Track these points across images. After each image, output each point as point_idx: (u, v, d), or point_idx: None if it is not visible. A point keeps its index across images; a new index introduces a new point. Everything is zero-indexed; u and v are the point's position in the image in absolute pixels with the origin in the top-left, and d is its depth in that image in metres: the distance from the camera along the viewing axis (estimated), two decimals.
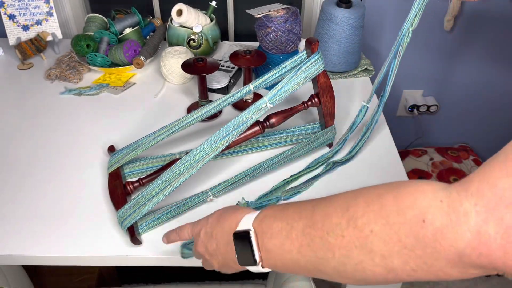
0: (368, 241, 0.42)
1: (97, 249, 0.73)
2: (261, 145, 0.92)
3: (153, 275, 1.58)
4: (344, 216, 0.44)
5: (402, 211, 0.40)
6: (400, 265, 0.41)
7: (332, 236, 0.44)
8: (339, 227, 0.44)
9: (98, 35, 1.20)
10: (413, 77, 1.63)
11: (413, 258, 0.40)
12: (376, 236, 0.41)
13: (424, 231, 0.38)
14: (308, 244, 0.47)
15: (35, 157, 0.91)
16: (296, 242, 0.48)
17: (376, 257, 0.42)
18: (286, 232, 0.49)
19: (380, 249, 0.41)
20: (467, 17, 1.46)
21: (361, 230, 0.42)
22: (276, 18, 1.03)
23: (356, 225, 0.43)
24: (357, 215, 0.43)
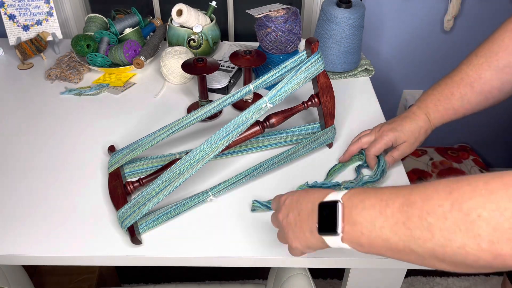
0: (475, 226, 0.41)
1: (97, 249, 0.73)
2: (261, 145, 0.92)
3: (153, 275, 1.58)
4: (447, 199, 0.44)
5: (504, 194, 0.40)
6: (509, 252, 0.40)
7: (433, 217, 0.44)
8: (441, 209, 0.44)
9: (98, 35, 1.20)
10: (413, 77, 1.63)
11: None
12: (485, 221, 0.41)
13: None
14: (404, 222, 0.46)
15: (35, 157, 0.91)
16: (392, 219, 0.47)
17: (483, 243, 0.41)
18: (380, 208, 0.49)
19: (489, 235, 0.41)
20: (467, 17, 1.47)
21: (467, 214, 0.42)
22: (276, 18, 1.03)
23: (461, 208, 0.42)
24: (463, 199, 0.43)
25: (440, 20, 1.47)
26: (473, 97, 0.79)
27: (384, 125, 0.87)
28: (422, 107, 0.84)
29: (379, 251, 0.50)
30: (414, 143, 0.85)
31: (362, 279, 0.83)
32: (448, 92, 0.82)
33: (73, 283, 1.27)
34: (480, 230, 0.41)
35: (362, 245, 0.51)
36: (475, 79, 0.79)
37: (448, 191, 0.44)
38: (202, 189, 0.83)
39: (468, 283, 1.57)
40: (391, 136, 0.84)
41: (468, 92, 0.79)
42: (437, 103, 0.83)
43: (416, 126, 0.84)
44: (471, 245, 0.42)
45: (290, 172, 0.87)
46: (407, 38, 1.51)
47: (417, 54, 1.56)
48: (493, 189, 0.42)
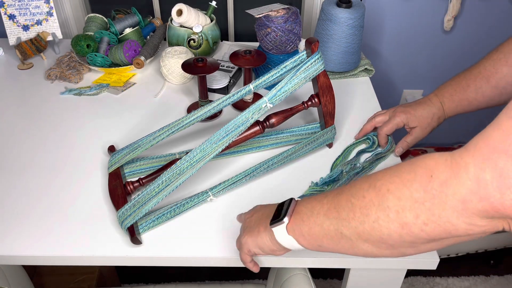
0: (385, 199, 0.48)
1: (97, 249, 0.73)
2: (261, 145, 0.92)
3: (153, 275, 1.58)
4: (367, 181, 0.51)
5: (413, 170, 0.47)
6: (412, 219, 0.46)
7: (355, 197, 0.52)
8: (361, 189, 0.51)
9: (98, 35, 1.20)
10: (413, 77, 1.63)
11: (423, 210, 0.45)
12: (392, 193, 0.47)
13: (431, 184, 0.44)
14: (335, 206, 0.54)
15: (35, 157, 0.91)
16: (326, 205, 0.55)
17: (391, 213, 0.47)
18: (320, 198, 0.57)
19: (395, 205, 0.47)
20: (467, 17, 1.46)
21: (379, 189, 0.49)
22: (276, 18, 1.03)
23: (376, 185, 0.50)
24: (377, 178, 0.50)
25: (440, 20, 1.47)
26: (487, 90, 0.82)
27: (399, 107, 0.90)
28: (439, 95, 0.88)
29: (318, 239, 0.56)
30: (426, 128, 0.88)
31: (362, 279, 0.83)
32: (465, 84, 0.84)
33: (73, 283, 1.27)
34: (389, 202, 0.47)
35: (303, 235, 0.57)
36: (491, 73, 0.81)
37: (369, 176, 0.52)
38: (202, 189, 0.83)
39: (468, 283, 1.57)
40: (403, 117, 0.88)
41: (484, 85, 0.82)
42: (453, 93, 0.86)
43: (429, 112, 0.87)
44: (383, 218, 0.48)
45: (290, 172, 0.87)
46: (407, 38, 1.51)
47: (417, 54, 1.56)
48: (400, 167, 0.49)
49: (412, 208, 0.46)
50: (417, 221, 0.46)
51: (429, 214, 0.45)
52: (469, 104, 0.84)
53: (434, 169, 0.45)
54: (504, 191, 0.40)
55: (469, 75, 0.84)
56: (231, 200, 0.82)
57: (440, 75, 1.62)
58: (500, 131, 0.41)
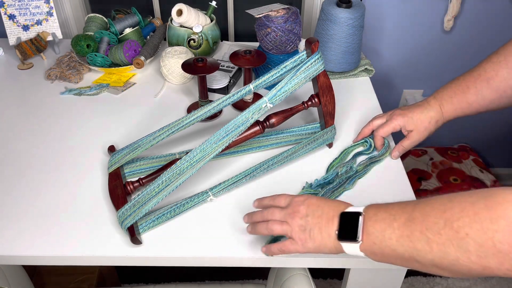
0: (464, 242, 0.48)
1: (97, 249, 0.73)
2: (261, 145, 0.92)
3: (153, 275, 1.58)
4: (441, 217, 0.50)
5: (495, 220, 0.46)
6: (496, 265, 0.46)
7: (431, 232, 0.50)
8: (437, 225, 0.50)
9: (98, 35, 1.20)
10: (413, 77, 1.63)
11: (508, 260, 0.45)
12: (472, 239, 0.47)
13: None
14: (408, 235, 0.53)
15: (35, 157, 0.91)
16: (398, 231, 0.54)
17: (472, 257, 0.47)
18: (389, 221, 0.55)
19: (476, 250, 0.47)
20: (467, 17, 1.46)
21: (457, 232, 0.48)
22: (276, 18, 1.03)
23: (452, 226, 0.49)
24: (453, 218, 0.49)
25: (440, 20, 1.47)
26: (488, 93, 0.81)
27: (397, 110, 0.90)
28: (438, 98, 0.87)
29: (389, 259, 0.56)
30: (423, 132, 0.87)
31: (362, 279, 0.83)
32: (465, 86, 0.83)
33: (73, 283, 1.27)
34: (469, 246, 0.47)
35: (375, 254, 0.57)
36: (492, 76, 0.80)
37: (443, 209, 0.51)
38: (202, 189, 0.83)
39: (468, 283, 1.57)
40: (400, 121, 0.87)
41: (484, 88, 0.81)
42: (452, 95, 0.85)
43: (427, 116, 0.86)
44: (463, 258, 0.48)
45: (290, 172, 0.87)
46: (407, 38, 1.51)
47: (417, 54, 1.56)
48: (477, 211, 0.48)
49: (496, 256, 0.46)
50: (501, 267, 0.46)
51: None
52: (468, 106, 0.83)
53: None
54: None
55: (469, 77, 0.84)
56: (231, 200, 0.82)
57: (440, 75, 1.62)
58: None
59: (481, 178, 1.60)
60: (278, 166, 0.87)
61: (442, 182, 1.58)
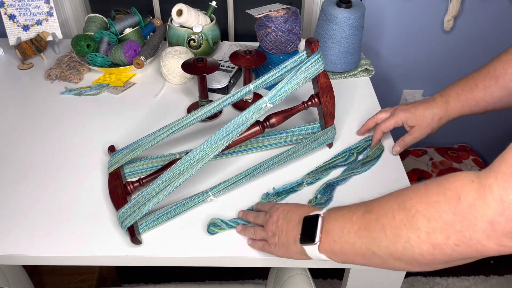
0: (415, 220, 0.49)
1: (97, 249, 0.73)
2: (261, 145, 0.92)
3: (153, 275, 1.58)
4: (395, 201, 0.52)
5: (442, 192, 0.47)
6: (444, 240, 0.47)
7: (386, 217, 0.52)
8: (391, 209, 0.52)
9: (98, 35, 1.20)
10: (413, 77, 1.63)
11: (454, 232, 0.46)
12: (421, 214, 0.48)
13: (460, 207, 0.45)
14: (365, 225, 0.55)
15: (35, 157, 0.91)
16: (356, 224, 0.56)
17: (421, 234, 0.48)
18: (348, 216, 0.58)
19: (425, 226, 0.48)
20: (467, 17, 1.46)
21: (409, 210, 0.50)
22: (276, 18, 1.03)
23: (405, 206, 0.50)
24: (406, 198, 0.51)
25: (440, 20, 1.47)
26: (496, 91, 0.80)
27: (401, 105, 0.90)
28: (444, 95, 0.86)
29: (349, 257, 0.58)
30: (425, 129, 0.86)
31: (362, 279, 0.83)
32: (473, 84, 0.83)
33: (73, 283, 1.27)
34: (419, 223, 0.48)
35: (335, 253, 0.59)
36: (500, 73, 0.80)
37: (397, 195, 0.53)
38: (202, 189, 0.83)
39: (468, 283, 1.57)
40: (403, 116, 0.87)
41: (492, 85, 0.80)
42: (459, 92, 0.84)
43: (430, 112, 0.85)
44: (413, 238, 0.49)
45: (290, 172, 0.87)
46: (407, 38, 1.51)
47: (417, 54, 1.56)
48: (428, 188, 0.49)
49: (443, 229, 0.46)
50: (448, 242, 0.46)
51: (460, 235, 0.45)
52: (476, 104, 0.83)
53: (462, 191, 0.45)
54: None
55: (477, 75, 0.83)
56: (231, 200, 0.82)
57: (440, 75, 1.62)
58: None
59: None
60: (278, 166, 0.86)
61: None
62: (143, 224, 0.76)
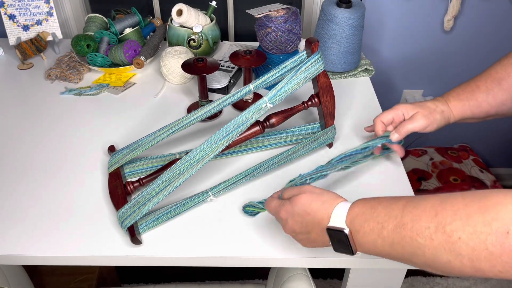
0: (456, 246, 0.47)
1: (97, 249, 0.73)
2: (261, 145, 0.92)
3: (153, 275, 1.58)
4: (433, 221, 0.49)
5: (488, 222, 0.46)
6: (488, 268, 0.46)
7: (422, 238, 0.50)
8: (428, 230, 0.49)
9: (98, 35, 1.20)
10: (413, 77, 1.63)
11: (500, 263, 0.45)
12: (464, 242, 0.47)
13: (509, 241, 0.44)
14: (399, 242, 0.52)
15: (35, 157, 0.91)
16: (388, 239, 0.53)
17: (464, 260, 0.47)
18: (377, 231, 0.55)
19: (468, 254, 0.47)
20: (467, 17, 1.46)
21: (449, 236, 0.48)
22: (276, 18, 1.03)
23: (445, 231, 0.48)
24: (445, 222, 0.48)
25: (440, 20, 1.47)
26: (499, 93, 0.79)
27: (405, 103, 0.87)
28: (445, 96, 0.85)
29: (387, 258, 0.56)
30: (428, 116, 0.81)
31: (362, 279, 0.83)
32: (474, 85, 0.82)
33: (73, 283, 1.27)
34: (461, 250, 0.47)
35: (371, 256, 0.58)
36: (503, 76, 0.79)
37: (434, 213, 0.50)
38: (202, 189, 0.83)
39: (468, 283, 1.57)
40: (403, 107, 0.84)
41: (495, 87, 0.79)
42: (460, 92, 0.83)
43: (432, 104, 0.83)
44: (455, 262, 0.48)
45: (290, 172, 0.87)
46: (407, 38, 1.51)
47: (417, 54, 1.56)
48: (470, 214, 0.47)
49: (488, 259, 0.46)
50: (493, 270, 0.46)
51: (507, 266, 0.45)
52: (478, 105, 0.81)
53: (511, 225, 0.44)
54: None
55: (479, 78, 0.82)
56: (231, 200, 0.82)
57: (440, 75, 1.62)
58: None
59: (481, 178, 1.60)
60: (278, 166, 0.86)
61: (442, 182, 1.58)
62: (143, 224, 0.76)
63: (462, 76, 1.61)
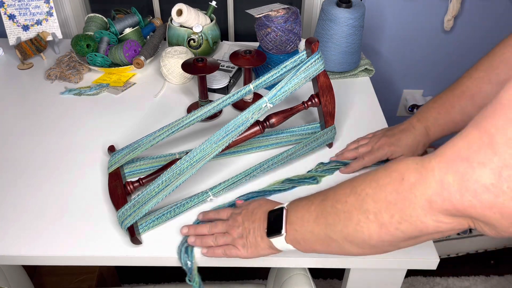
0: (364, 202, 0.53)
1: (97, 249, 0.73)
2: (261, 145, 0.92)
3: (153, 275, 1.58)
4: (348, 187, 0.56)
5: (389, 174, 0.51)
6: (388, 219, 0.50)
7: (339, 202, 0.56)
8: (344, 194, 0.56)
9: (98, 35, 1.20)
10: (413, 77, 1.63)
11: (397, 211, 0.49)
12: (370, 197, 0.52)
13: (403, 187, 0.49)
14: (322, 212, 0.58)
15: (35, 157, 0.91)
16: (314, 212, 0.59)
17: (370, 215, 0.52)
18: (307, 206, 0.61)
19: (373, 207, 0.52)
20: (467, 17, 1.46)
21: (359, 194, 0.54)
22: (276, 18, 1.03)
23: (356, 191, 0.54)
24: (357, 183, 0.55)
25: (440, 20, 1.47)
26: (473, 111, 0.78)
27: (382, 137, 0.86)
28: (422, 120, 0.84)
29: (311, 244, 0.61)
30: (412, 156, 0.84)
31: (362, 279, 0.83)
32: (449, 105, 0.81)
33: (73, 283, 1.27)
34: (367, 205, 0.52)
35: (298, 242, 0.62)
36: (475, 92, 0.78)
37: (350, 181, 0.57)
38: (202, 189, 0.83)
39: (468, 283, 1.57)
40: (387, 151, 0.85)
41: (469, 105, 0.79)
42: (437, 116, 0.82)
43: (414, 140, 0.84)
44: (363, 219, 0.53)
45: (290, 172, 0.87)
46: (407, 38, 1.51)
47: (417, 54, 1.56)
48: (377, 172, 0.53)
49: (387, 209, 0.50)
50: (392, 221, 0.50)
51: (402, 213, 0.49)
52: (455, 126, 0.81)
53: (405, 173, 0.49)
54: (463, 193, 0.44)
55: (452, 95, 0.81)
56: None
57: (440, 75, 1.62)
58: (465, 140, 0.45)
59: None
60: (278, 166, 0.86)
61: None
62: (143, 224, 0.76)
63: None
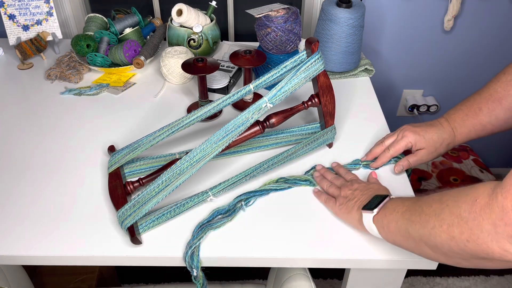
0: (443, 212, 0.57)
1: (97, 249, 0.73)
2: (261, 145, 0.92)
3: (153, 275, 1.58)
4: (440, 194, 0.60)
5: (469, 193, 0.55)
6: (458, 234, 0.54)
7: (426, 205, 0.61)
8: (433, 200, 0.60)
9: (98, 35, 1.20)
10: (413, 77, 1.63)
11: (466, 229, 0.53)
12: (449, 208, 0.56)
13: (474, 208, 0.52)
14: (410, 208, 0.63)
15: (35, 157, 0.91)
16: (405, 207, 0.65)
17: (444, 225, 0.56)
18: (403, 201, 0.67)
19: (447, 218, 0.55)
20: (467, 17, 1.46)
21: (442, 203, 0.58)
22: (276, 18, 1.03)
23: (442, 199, 0.58)
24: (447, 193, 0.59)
25: (440, 20, 1.47)
26: (501, 113, 0.80)
27: (408, 126, 0.87)
28: (450, 120, 0.85)
29: (392, 234, 0.66)
30: (433, 153, 0.85)
31: (362, 279, 0.83)
32: (477, 108, 0.82)
33: (73, 283, 1.27)
34: (444, 214, 0.56)
35: (383, 227, 0.67)
36: (503, 95, 0.80)
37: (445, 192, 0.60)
38: (202, 189, 0.83)
39: (468, 283, 1.57)
40: (412, 138, 0.85)
41: (497, 108, 0.80)
42: (464, 118, 0.83)
43: (439, 137, 0.84)
44: (437, 226, 0.57)
45: (290, 172, 0.87)
46: (407, 38, 1.51)
47: (417, 54, 1.56)
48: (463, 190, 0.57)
49: (459, 225, 0.54)
50: (461, 237, 0.53)
51: (471, 232, 0.52)
52: (483, 128, 0.82)
53: (480, 195, 0.52)
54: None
55: (479, 98, 0.82)
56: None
57: (440, 75, 1.62)
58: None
59: (481, 178, 1.60)
60: (278, 166, 0.87)
61: (442, 182, 1.58)
62: (143, 224, 0.76)
63: (462, 76, 1.62)
